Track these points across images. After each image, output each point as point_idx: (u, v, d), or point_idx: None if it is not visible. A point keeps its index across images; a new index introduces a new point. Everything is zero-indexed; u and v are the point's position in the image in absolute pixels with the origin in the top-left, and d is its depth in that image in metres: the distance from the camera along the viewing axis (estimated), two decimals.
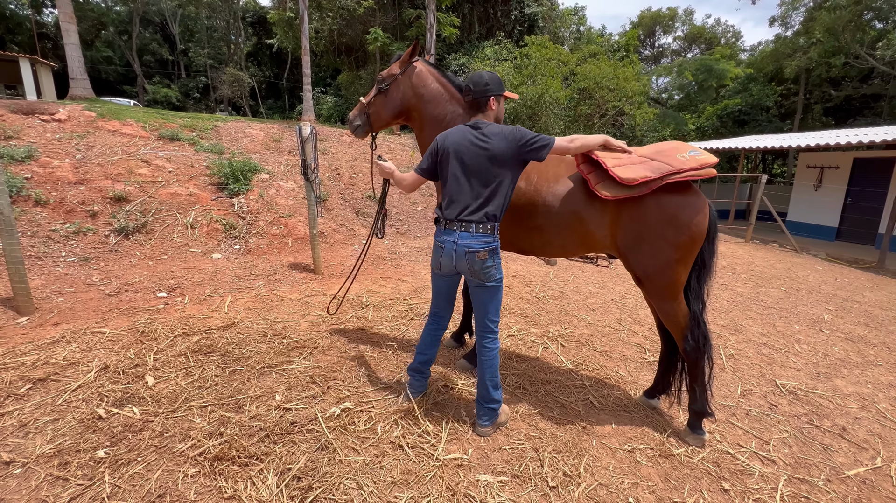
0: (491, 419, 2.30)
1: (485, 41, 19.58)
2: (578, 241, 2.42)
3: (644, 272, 2.28)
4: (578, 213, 2.33)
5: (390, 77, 2.63)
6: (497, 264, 2.15)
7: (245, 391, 2.48)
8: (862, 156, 10.93)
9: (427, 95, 2.57)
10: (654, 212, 2.18)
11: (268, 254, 5.33)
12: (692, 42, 32.57)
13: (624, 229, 2.26)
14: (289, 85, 33.47)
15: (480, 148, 2.05)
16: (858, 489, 2.18)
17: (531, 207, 2.41)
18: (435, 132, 2.53)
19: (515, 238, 2.54)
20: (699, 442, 2.40)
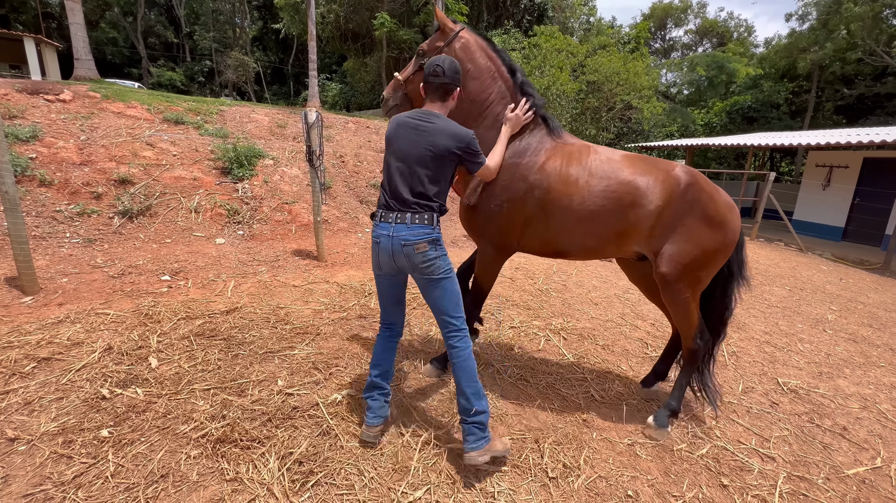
0: (479, 440, 1.89)
1: (493, 30, 19.31)
2: (618, 234, 2.27)
3: (676, 273, 2.20)
4: (635, 203, 2.20)
5: (433, 49, 2.31)
6: (441, 254, 1.94)
7: (247, 375, 2.49)
8: (872, 155, 10.79)
9: (474, 71, 2.30)
10: (706, 214, 2.18)
11: (271, 240, 5.32)
12: (704, 36, 32.08)
13: (667, 227, 2.20)
14: (294, 71, 33.21)
15: (423, 137, 1.88)
16: (857, 488, 2.19)
17: (582, 198, 2.23)
18: (474, 114, 2.34)
19: (556, 235, 2.35)
20: (663, 435, 2.36)
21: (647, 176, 2.22)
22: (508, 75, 2.36)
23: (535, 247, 2.45)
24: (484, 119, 2.35)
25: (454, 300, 2.00)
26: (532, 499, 1.87)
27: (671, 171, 2.25)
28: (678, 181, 2.20)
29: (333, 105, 25.89)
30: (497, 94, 2.34)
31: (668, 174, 2.23)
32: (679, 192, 2.19)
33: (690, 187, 2.19)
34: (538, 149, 2.32)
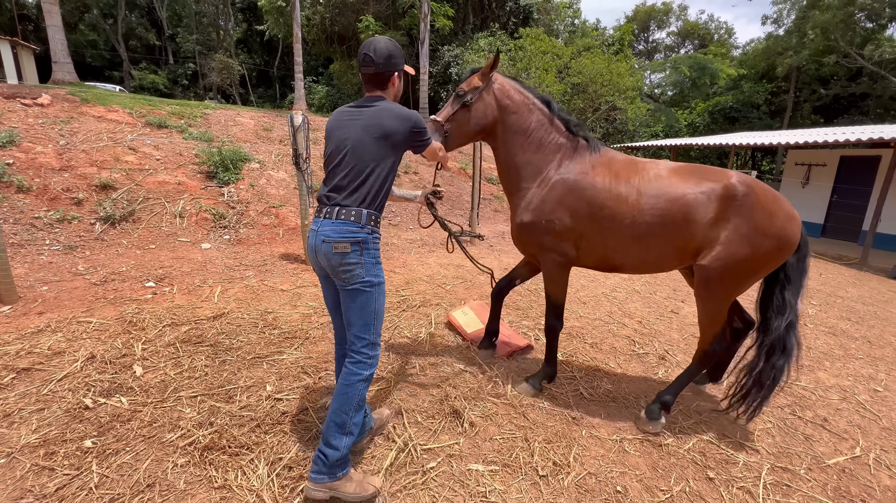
0: (320, 473, 1.64)
1: (479, 33, 19.42)
2: (678, 249, 2.32)
3: (719, 277, 2.23)
4: (688, 217, 2.23)
5: (473, 90, 2.44)
6: (365, 262, 1.72)
7: (235, 381, 2.46)
8: (848, 153, 11.11)
9: (512, 106, 2.52)
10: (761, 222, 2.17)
11: (258, 244, 5.27)
12: (686, 38, 32.68)
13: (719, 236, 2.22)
14: (280, 73, 32.93)
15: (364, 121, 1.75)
16: (838, 477, 2.24)
17: (635, 215, 2.29)
18: (518, 143, 2.52)
19: (611, 252, 2.44)
20: (657, 426, 2.43)
21: (698, 188, 2.25)
22: (543, 106, 2.57)
23: (593, 262, 2.55)
24: (529, 146, 2.53)
25: (365, 318, 1.74)
26: (522, 497, 1.89)
27: (727, 181, 2.26)
28: (734, 192, 2.21)
29: (320, 108, 25.73)
30: (536, 122, 2.54)
31: (723, 185, 2.24)
32: (735, 203, 2.20)
33: (747, 198, 2.20)
34: (584, 167, 2.45)
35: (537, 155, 2.52)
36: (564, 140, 2.53)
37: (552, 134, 2.54)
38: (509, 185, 2.64)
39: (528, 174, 2.54)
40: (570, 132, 2.54)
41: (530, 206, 2.49)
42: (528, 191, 2.53)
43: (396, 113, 1.78)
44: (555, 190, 2.44)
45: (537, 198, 2.48)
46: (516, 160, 2.55)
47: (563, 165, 2.48)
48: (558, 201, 2.42)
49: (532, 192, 2.51)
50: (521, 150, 2.54)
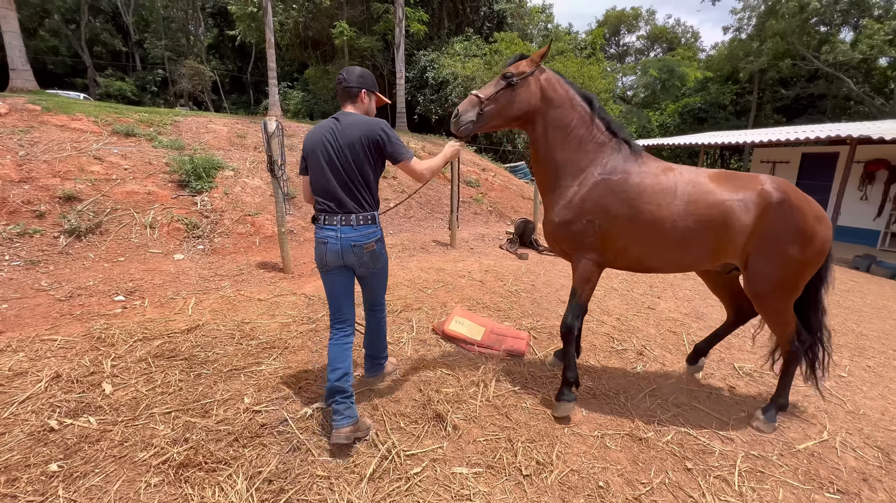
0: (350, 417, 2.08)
1: (454, 37, 19.57)
2: (714, 251, 2.38)
3: (770, 285, 2.32)
4: (728, 222, 2.28)
5: (520, 74, 2.39)
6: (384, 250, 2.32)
7: (211, 395, 2.39)
8: (809, 151, 11.64)
9: (556, 100, 2.45)
10: (798, 225, 2.23)
11: (234, 253, 5.15)
12: (655, 41, 33.71)
13: (761, 239, 2.27)
14: (253, 79, 32.37)
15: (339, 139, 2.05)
16: (808, 461, 2.33)
17: (676, 220, 2.31)
18: (559, 139, 2.47)
19: (648, 255, 2.45)
20: (770, 428, 2.57)
21: (736, 195, 2.30)
22: (585, 104, 2.51)
23: (627, 264, 2.54)
24: (569, 143, 2.48)
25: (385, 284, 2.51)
26: (507, 497, 1.89)
27: (761, 187, 2.30)
28: (769, 198, 2.26)
29: (296, 113, 25.40)
30: (578, 120, 2.48)
31: (758, 192, 2.28)
32: (771, 209, 2.25)
33: (782, 203, 2.25)
34: (626, 168, 2.43)
35: (578, 153, 2.48)
36: (605, 140, 2.49)
37: (593, 133, 2.49)
38: (548, 181, 2.57)
39: (568, 172, 2.49)
40: (612, 133, 2.52)
41: (571, 205, 2.45)
42: (569, 189, 2.48)
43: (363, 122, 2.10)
44: (596, 190, 2.41)
45: (578, 197, 2.43)
46: (556, 157, 2.50)
47: (605, 166, 2.45)
48: (599, 202, 2.39)
49: (572, 190, 2.46)
50: (561, 147, 2.48)
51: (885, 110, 18.11)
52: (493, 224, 8.81)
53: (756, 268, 2.32)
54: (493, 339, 3.33)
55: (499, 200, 10.09)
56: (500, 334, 3.40)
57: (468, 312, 3.69)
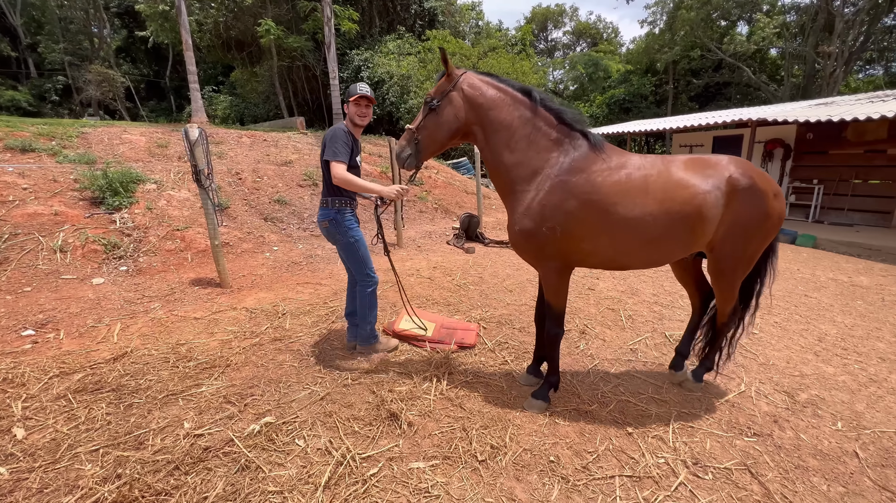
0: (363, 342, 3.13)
1: (386, 35, 19.39)
2: (688, 243, 2.32)
3: (733, 264, 2.36)
4: (702, 215, 2.22)
5: (440, 93, 2.35)
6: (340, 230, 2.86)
7: (146, 425, 2.22)
8: (719, 134, 12.82)
9: (488, 104, 2.34)
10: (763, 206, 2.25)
11: (163, 272, 4.79)
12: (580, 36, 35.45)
13: (729, 224, 2.27)
14: (173, 84, 30.09)
15: None
16: (729, 412, 2.60)
17: (650, 219, 2.19)
18: (502, 141, 2.33)
19: (620, 255, 2.32)
20: (697, 387, 2.81)
21: (707, 186, 2.22)
22: (524, 97, 2.37)
23: (598, 264, 2.43)
24: (517, 143, 2.34)
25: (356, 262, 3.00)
26: (464, 484, 1.94)
27: (729, 174, 2.25)
28: (738, 184, 2.23)
29: (225, 119, 23.98)
30: (520, 118, 2.34)
31: (727, 180, 2.24)
32: (739, 195, 2.23)
33: (749, 189, 2.23)
34: (587, 166, 2.26)
35: (529, 153, 2.32)
36: (559, 135, 2.33)
37: (542, 128, 2.33)
38: (501, 188, 2.44)
39: (520, 175, 2.33)
40: (566, 125, 2.34)
41: (529, 212, 2.29)
42: (525, 194, 2.31)
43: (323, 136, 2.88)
44: (555, 193, 2.24)
45: (536, 202, 2.27)
46: (504, 160, 2.35)
47: (562, 165, 2.27)
48: (560, 206, 2.22)
49: (529, 195, 2.29)
50: (508, 150, 2.34)
51: (778, 95, 20.35)
52: (439, 221, 8.87)
53: (723, 251, 2.33)
54: (443, 334, 3.37)
55: (443, 197, 10.18)
56: (450, 328, 3.45)
57: (417, 309, 3.70)
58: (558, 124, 2.34)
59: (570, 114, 2.37)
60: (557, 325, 2.52)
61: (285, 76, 21.15)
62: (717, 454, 2.22)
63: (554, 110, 2.36)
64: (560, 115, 2.35)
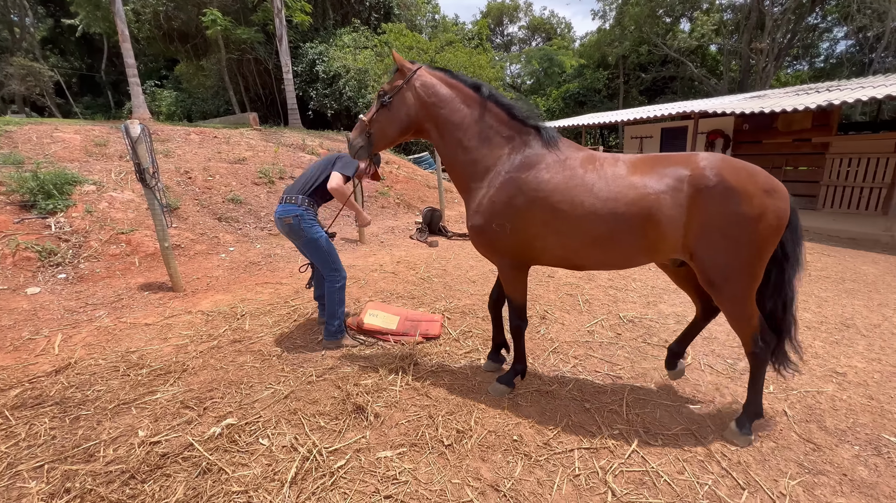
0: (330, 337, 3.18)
1: (341, 28, 18.95)
2: (647, 247, 2.10)
3: (723, 274, 1.99)
4: (652, 216, 2.00)
5: (393, 89, 2.38)
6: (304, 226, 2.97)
7: (96, 436, 2.12)
8: (667, 126, 13.51)
9: (440, 101, 2.35)
10: (742, 205, 1.90)
11: (108, 277, 4.51)
12: (535, 31, 36.11)
13: (701, 226, 1.97)
14: (110, 78, 27.98)
15: None
16: (677, 383, 2.80)
17: (593, 217, 2.08)
18: (455, 139, 2.35)
19: (572, 254, 2.24)
20: (745, 441, 2.19)
21: (661, 186, 2.01)
22: (474, 93, 2.37)
23: (554, 262, 2.35)
24: (469, 140, 2.34)
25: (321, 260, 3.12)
26: (431, 469, 1.99)
27: (690, 172, 1.99)
28: (702, 182, 1.94)
29: (170, 115, 22.62)
30: (472, 115, 2.35)
31: (688, 178, 1.98)
32: (705, 194, 1.94)
33: (718, 187, 1.92)
34: (537, 163, 2.22)
35: (483, 150, 2.31)
36: (511, 132, 2.32)
37: (493, 124, 2.32)
38: (458, 185, 2.46)
39: (474, 172, 2.34)
40: (519, 121, 2.32)
41: (480, 209, 2.30)
42: (478, 190, 2.33)
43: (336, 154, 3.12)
44: (505, 190, 2.23)
45: (487, 198, 2.27)
46: (458, 158, 2.37)
47: (514, 162, 2.26)
48: (510, 203, 2.21)
49: (482, 192, 2.31)
50: (460, 148, 2.35)
51: (718, 89, 21.67)
52: (401, 216, 8.85)
53: (704, 259, 2.01)
54: (408, 326, 3.40)
55: (405, 192, 10.15)
56: (414, 320, 3.48)
57: (381, 304, 3.71)
58: (510, 120, 2.33)
59: (522, 109, 2.36)
60: (518, 318, 2.55)
61: (235, 70, 20.24)
62: (666, 422, 2.39)
63: (505, 106, 2.35)
64: (511, 110, 2.34)
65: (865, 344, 3.40)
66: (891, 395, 2.65)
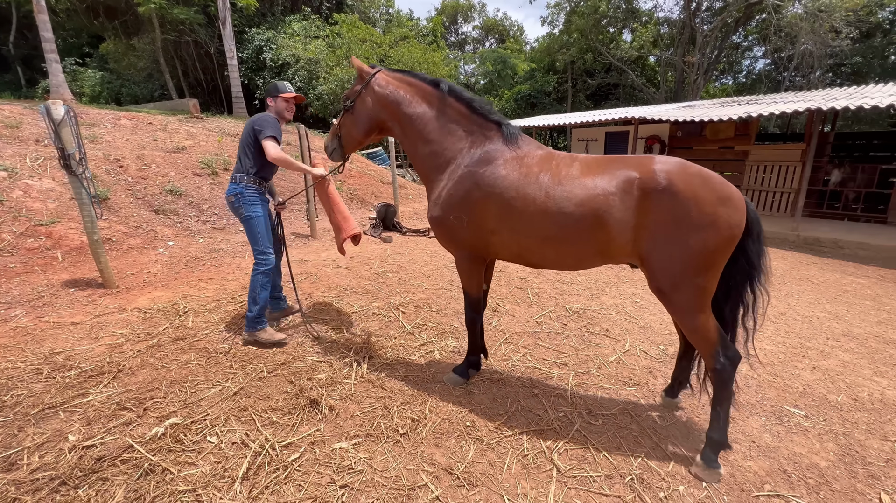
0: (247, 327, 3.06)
1: (290, 15, 18.22)
2: (597, 250, 2.07)
3: (671, 282, 1.91)
4: (600, 218, 1.97)
5: (353, 94, 2.58)
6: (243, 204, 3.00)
7: (18, 443, 1.94)
8: (610, 130, 14.31)
9: (399, 100, 2.47)
10: (691, 211, 1.82)
11: (25, 273, 4.08)
12: (489, 32, 36.66)
13: (650, 231, 1.91)
14: (20, 53, 24.92)
15: None
16: (617, 368, 3.03)
17: (543, 216, 2.08)
18: (416, 133, 2.45)
19: (525, 251, 2.24)
20: (714, 477, 2.00)
21: (611, 188, 1.97)
22: (433, 89, 2.45)
23: (508, 257, 2.36)
24: (430, 134, 2.43)
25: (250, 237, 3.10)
26: (387, 457, 2.03)
27: (641, 175, 1.93)
28: (652, 186, 1.89)
29: (95, 97, 20.58)
30: (431, 110, 2.44)
31: (639, 182, 1.93)
32: (654, 197, 1.88)
33: (667, 190, 1.86)
34: (495, 158, 2.25)
35: (444, 143, 2.38)
36: (472, 125, 2.36)
37: (454, 117, 2.39)
38: (422, 177, 2.54)
39: (436, 164, 2.41)
40: (480, 115, 2.37)
41: (438, 201, 2.36)
42: (438, 182, 2.39)
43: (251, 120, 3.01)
44: (462, 184, 2.27)
45: (445, 191, 2.33)
46: (420, 151, 2.46)
47: (473, 155, 2.30)
48: (466, 197, 2.26)
49: (441, 184, 2.37)
50: (421, 141, 2.44)
51: (656, 97, 23.22)
52: (354, 211, 8.72)
53: (652, 265, 1.95)
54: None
55: (358, 187, 10.00)
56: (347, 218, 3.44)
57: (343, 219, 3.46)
58: (471, 114, 2.38)
59: (480, 103, 2.40)
60: (473, 310, 2.62)
61: (172, 52, 18.83)
62: (606, 403, 2.58)
63: (465, 100, 2.40)
64: (471, 104, 2.38)
65: (773, 329, 3.85)
66: (792, 373, 3.04)
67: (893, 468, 2.15)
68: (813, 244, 7.80)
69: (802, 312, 4.33)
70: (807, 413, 2.58)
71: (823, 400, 2.73)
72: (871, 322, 4.14)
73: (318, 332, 3.30)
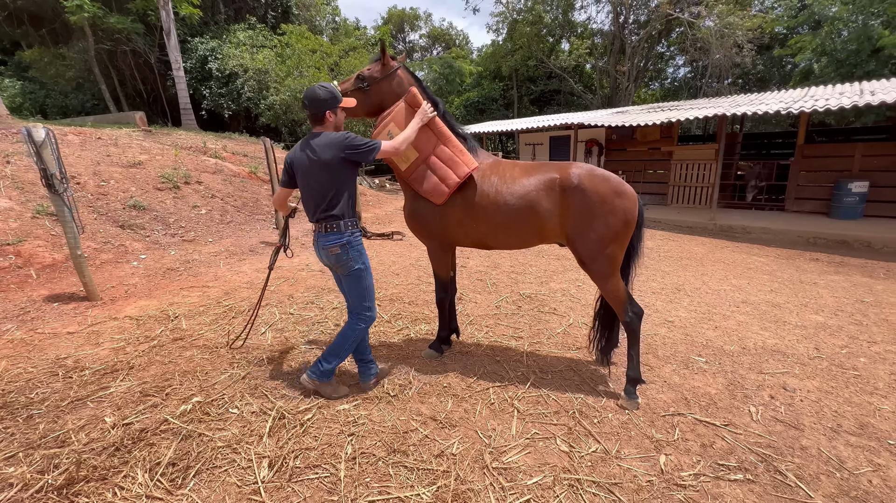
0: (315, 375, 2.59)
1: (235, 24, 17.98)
2: (535, 232, 2.72)
3: (589, 254, 2.58)
4: (533, 208, 2.63)
5: (371, 78, 2.75)
6: (353, 257, 2.48)
7: (62, 427, 2.24)
8: (554, 134, 15.44)
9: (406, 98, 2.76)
10: (596, 203, 2.50)
11: (1, 292, 4.13)
12: (435, 41, 37.54)
13: (570, 217, 2.58)
14: None
15: (311, 160, 2.33)
16: (563, 337, 3.68)
17: (495, 207, 2.71)
18: None
19: (483, 236, 2.84)
20: (634, 405, 2.67)
21: (539, 185, 2.63)
22: None
23: (470, 243, 2.95)
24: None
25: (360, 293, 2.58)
26: (382, 413, 2.52)
27: (559, 176, 2.61)
28: (567, 183, 2.56)
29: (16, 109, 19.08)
30: None
31: (558, 180, 2.59)
32: (569, 192, 2.55)
33: (578, 187, 2.52)
34: None
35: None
36: None
37: None
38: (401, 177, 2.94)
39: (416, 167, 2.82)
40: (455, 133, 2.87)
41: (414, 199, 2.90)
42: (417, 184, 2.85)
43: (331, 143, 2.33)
44: None
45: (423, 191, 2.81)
46: None
47: None
48: None
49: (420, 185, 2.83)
50: None
51: (593, 103, 25.02)
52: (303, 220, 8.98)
53: (574, 243, 2.62)
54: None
55: None
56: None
57: None
58: None
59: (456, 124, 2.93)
60: (442, 291, 3.18)
61: (107, 62, 17.93)
62: (554, 363, 3.21)
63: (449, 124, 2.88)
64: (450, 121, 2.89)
65: (689, 301, 4.70)
66: (699, 332, 3.83)
67: (763, 390, 2.93)
68: (727, 231, 9.05)
69: (713, 287, 5.24)
70: (707, 359, 3.34)
71: (720, 350, 3.51)
72: (765, 291, 5.11)
73: (307, 325, 3.70)
